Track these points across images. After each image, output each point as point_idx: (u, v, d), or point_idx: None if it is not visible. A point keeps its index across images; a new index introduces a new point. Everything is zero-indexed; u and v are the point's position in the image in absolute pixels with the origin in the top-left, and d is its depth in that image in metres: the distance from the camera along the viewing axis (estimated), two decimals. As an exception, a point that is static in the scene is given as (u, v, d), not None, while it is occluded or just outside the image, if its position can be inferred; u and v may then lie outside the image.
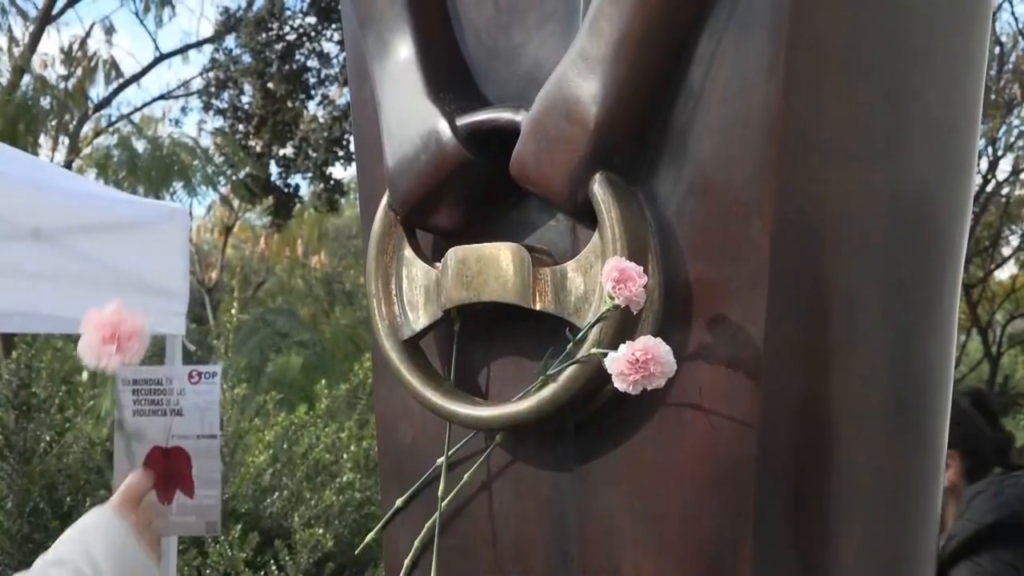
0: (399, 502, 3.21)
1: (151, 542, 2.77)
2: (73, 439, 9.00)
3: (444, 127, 2.97)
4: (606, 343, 2.72)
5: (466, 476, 3.06)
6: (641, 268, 2.68)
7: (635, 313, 2.72)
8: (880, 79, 2.95)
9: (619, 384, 2.65)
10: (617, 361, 2.64)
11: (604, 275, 2.69)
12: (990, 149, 16.22)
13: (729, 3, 2.77)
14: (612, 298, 2.67)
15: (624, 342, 2.63)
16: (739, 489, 2.79)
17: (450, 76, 3.07)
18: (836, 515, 2.93)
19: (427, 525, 3.10)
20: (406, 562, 3.15)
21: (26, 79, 15.42)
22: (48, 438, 8.64)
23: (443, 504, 3.08)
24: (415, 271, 3.07)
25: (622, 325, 2.73)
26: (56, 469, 8.61)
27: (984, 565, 5.09)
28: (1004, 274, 20.50)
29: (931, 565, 3.15)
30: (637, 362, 2.63)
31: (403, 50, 3.07)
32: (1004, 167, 18.03)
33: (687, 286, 2.81)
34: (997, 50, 15.39)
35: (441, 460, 3.09)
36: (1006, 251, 19.80)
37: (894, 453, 3.04)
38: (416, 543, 3.12)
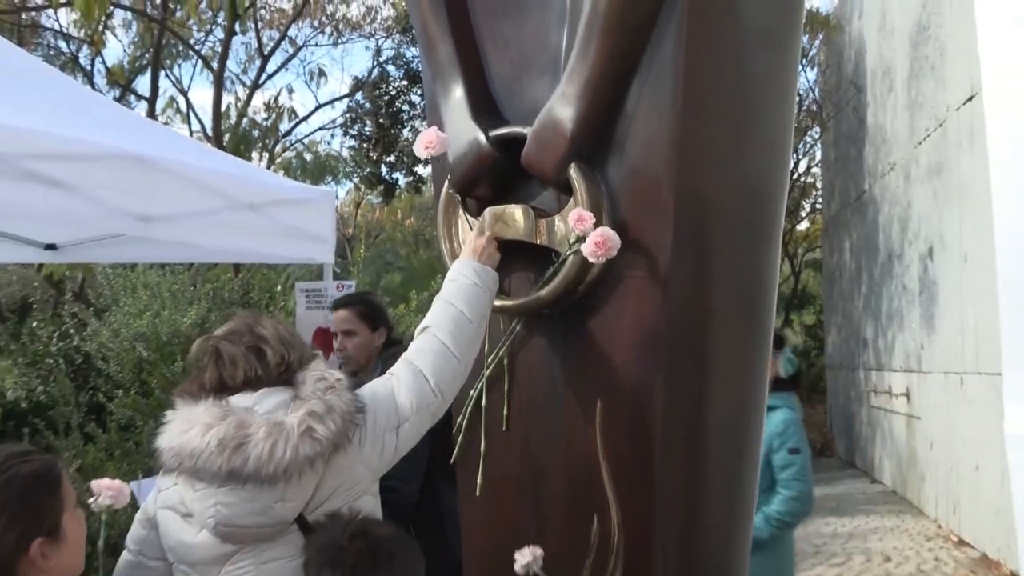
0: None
1: (484, 259, 2.74)
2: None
3: (481, 137, 2.91)
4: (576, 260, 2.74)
5: (501, 350, 2.99)
6: (591, 214, 2.67)
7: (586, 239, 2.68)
8: (737, 107, 2.87)
9: (591, 258, 2.65)
10: (588, 244, 2.63)
11: (570, 218, 2.69)
12: (793, 156, 16.35)
13: (647, 62, 2.73)
14: (575, 231, 2.69)
15: None
16: (655, 348, 2.74)
17: (485, 107, 2.99)
18: (713, 368, 2.87)
19: (477, 383, 3.03)
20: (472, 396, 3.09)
21: (244, 121, 15.34)
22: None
23: (492, 359, 2.99)
24: (464, 223, 3.00)
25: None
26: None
27: None
28: (802, 226, 20.61)
29: (761, 420, 3.07)
30: (600, 243, 2.62)
31: (457, 92, 2.99)
32: (800, 167, 18.29)
33: (625, 227, 2.74)
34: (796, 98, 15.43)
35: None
36: (803, 214, 19.97)
37: (746, 334, 2.96)
38: (472, 394, 3.04)
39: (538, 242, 2.87)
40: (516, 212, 2.90)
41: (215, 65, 13.63)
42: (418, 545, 2.42)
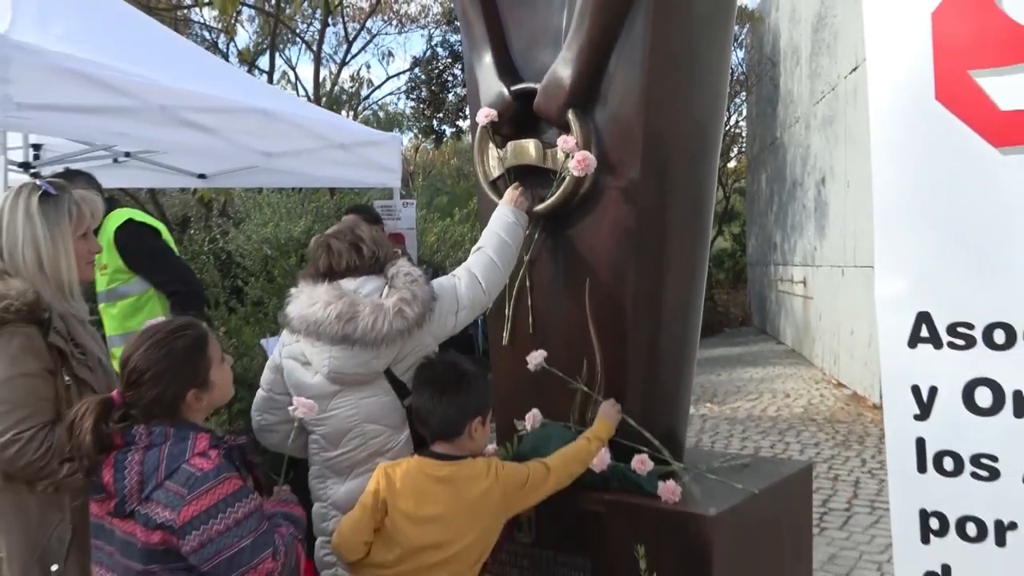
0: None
1: (518, 205, 2.74)
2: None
3: (505, 91, 2.86)
4: (571, 180, 2.68)
5: (530, 253, 2.96)
6: (574, 138, 2.66)
7: (572, 156, 2.64)
8: (688, 71, 2.79)
9: (575, 172, 2.64)
10: (573, 163, 2.62)
11: (558, 141, 2.69)
12: (726, 112, 16.05)
13: (624, 36, 2.66)
14: (564, 151, 2.67)
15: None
16: (627, 241, 2.71)
17: (507, 69, 2.92)
18: (669, 256, 2.81)
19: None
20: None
21: (336, 88, 15.11)
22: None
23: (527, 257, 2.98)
24: (493, 152, 2.95)
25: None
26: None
27: None
28: (732, 164, 20.23)
29: (701, 290, 2.97)
30: (581, 160, 2.61)
31: (487, 59, 2.93)
32: (731, 121, 17.91)
33: (607, 155, 2.70)
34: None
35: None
36: (732, 155, 19.59)
37: (692, 233, 2.90)
38: (515, 293, 2.98)
39: (545, 166, 2.82)
40: (530, 145, 2.85)
41: (315, 48, 13.38)
42: (488, 379, 2.48)
